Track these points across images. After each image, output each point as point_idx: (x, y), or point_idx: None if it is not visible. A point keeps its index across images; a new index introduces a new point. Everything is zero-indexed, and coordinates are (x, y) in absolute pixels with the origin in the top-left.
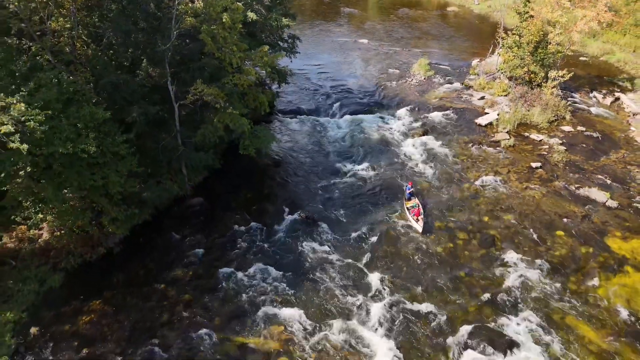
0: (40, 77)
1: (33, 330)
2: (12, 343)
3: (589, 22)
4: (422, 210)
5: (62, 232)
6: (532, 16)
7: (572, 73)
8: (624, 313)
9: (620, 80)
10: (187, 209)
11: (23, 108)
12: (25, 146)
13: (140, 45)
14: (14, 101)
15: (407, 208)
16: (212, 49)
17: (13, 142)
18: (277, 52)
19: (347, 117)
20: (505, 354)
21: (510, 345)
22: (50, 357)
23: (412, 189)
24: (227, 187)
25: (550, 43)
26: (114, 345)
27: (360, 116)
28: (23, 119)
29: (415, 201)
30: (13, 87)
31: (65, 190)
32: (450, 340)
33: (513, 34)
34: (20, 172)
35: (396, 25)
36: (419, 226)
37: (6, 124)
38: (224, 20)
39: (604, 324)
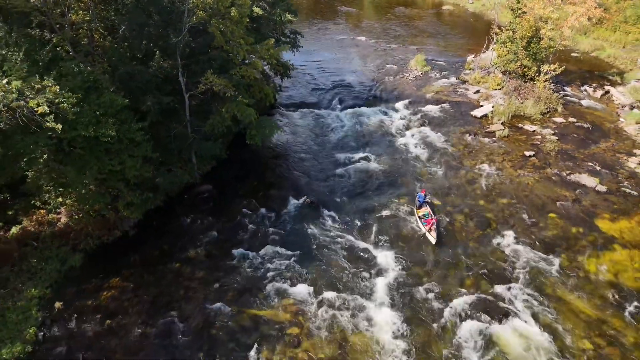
0: (62, 66)
1: (57, 304)
2: (39, 316)
3: (579, 17)
4: (434, 220)
5: (80, 215)
6: (524, 12)
7: (564, 67)
8: (611, 286)
9: (610, 74)
10: (196, 195)
11: (57, 90)
12: (59, 126)
13: (153, 38)
14: (50, 84)
15: (419, 217)
16: (221, 42)
17: (48, 122)
18: (281, 45)
19: (348, 110)
20: (500, 322)
21: (505, 314)
22: (75, 329)
23: (425, 197)
24: (234, 175)
25: (542, 38)
26: (135, 317)
27: (360, 109)
28: (57, 100)
29: (427, 209)
30: (37, 76)
31: (84, 174)
32: (448, 310)
33: (507, 30)
34: (44, 156)
35: (393, 23)
36: (432, 237)
37: (41, 105)
38: (232, 14)
39: (593, 296)
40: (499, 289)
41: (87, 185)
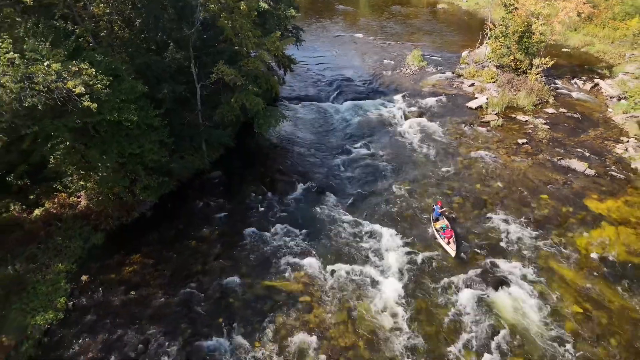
0: (86, 55)
1: (84, 277)
2: (67, 287)
3: (569, 13)
4: (453, 232)
5: (100, 198)
6: (517, 8)
7: (555, 61)
8: (599, 259)
9: (599, 68)
10: (207, 181)
11: (93, 72)
12: (95, 105)
13: (167, 30)
14: (86, 67)
15: (436, 229)
16: (230, 34)
17: (84, 101)
18: (286, 39)
19: (348, 102)
20: (496, 290)
21: (501, 283)
22: (102, 299)
23: (441, 209)
24: (241, 163)
25: (534, 33)
26: (156, 288)
27: (359, 102)
28: (91, 82)
29: (444, 222)
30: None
31: (107, 157)
32: (447, 280)
33: (500, 25)
34: (66, 143)
35: (389, 21)
36: (451, 250)
37: (78, 86)
38: (241, 7)
39: (582, 267)
40: (495, 261)
41: (110, 167)
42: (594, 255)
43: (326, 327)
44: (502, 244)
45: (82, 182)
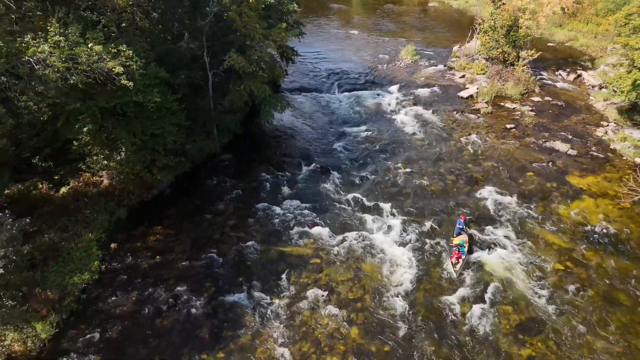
0: (115, 42)
1: (113, 245)
2: (99, 253)
3: (553, 7)
4: (463, 254)
5: (121, 177)
6: (504, 3)
7: (541, 54)
8: (580, 225)
9: (582, 61)
10: (218, 163)
11: (130, 54)
12: (131, 83)
13: (183, 21)
14: (124, 48)
15: (451, 246)
16: (239, 26)
17: (122, 80)
18: (290, 31)
19: (346, 93)
20: (488, 251)
21: (491, 245)
22: (131, 263)
23: (463, 225)
24: (249, 147)
25: (520, 27)
26: (180, 254)
27: (357, 92)
28: (127, 63)
29: (464, 238)
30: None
31: (133, 135)
32: (445, 245)
33: (489, 20)
34: (95, 122)
35: (382, 19)
36: (454, 271)
37: (117, 66)
38: (250, 1)
39: (564, 232)
40: (486, 228)
41: (135, 144)
42: (575, 222)
43: (335, 283)
44: (492, 213)
45: (105, 162)
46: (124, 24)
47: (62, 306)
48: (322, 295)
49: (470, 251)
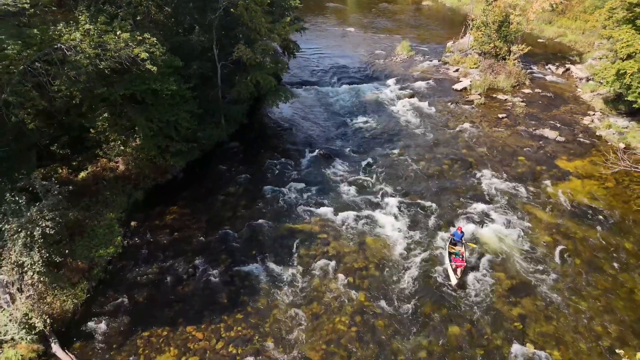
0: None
1: (133, 223)
2: (121, 230)
3: (543, 3)
4: (464, 264)
5: (136, 162)
6: (496, 0)
7: (531, 49)
8: (567, 203)
9: (570, 55)
10: (227, 150)
11: (154, 41)
12: (155, 68)
13: (193, 15)
14: (149, 36)
15: (449, 253)
16: (246, 20)
17: (147, 64)
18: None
19: (345, 86)
20: (482, 226)
21: (485, 221)
22: (151, 239)
23: (461, 235)
24: (255, 136)
25: (511, 23)
26: (196, 230)
27: (356, 85)
28: (151, 50)
29: (460, 249)
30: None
31: (150, 121)
32: (442, 221)
33: (481, 16)
34: (114, 108)
35: (378, 17)
36: (454, 278)
37: (142, 53)
38: None
39: (553, 209)
40: (481, 207)
41: (153, 129)
42: (562, 201)
43: (342, 255)
44: (486, 193)
45: (122, 148)
46: (139, 17)
47: (91, 275)
48: (330, 265)
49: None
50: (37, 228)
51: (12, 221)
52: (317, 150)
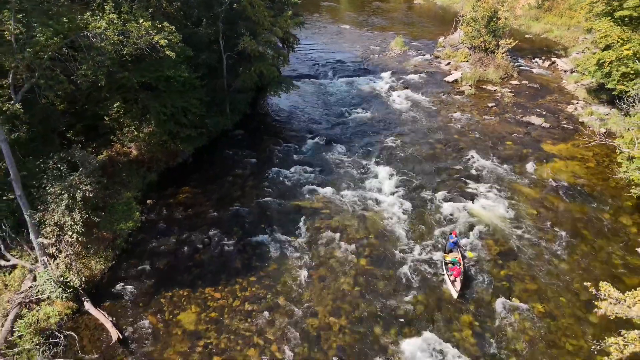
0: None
1: (149, 201)
2: (138, 207)
3: (529, 0)
4: (462, 270)
5: (148, 147)
6: None
7: (518, 43)
8: (551, 181)
9: (556, 50)
10: (232, 137)
11: (173, 29)
12: (173, 54)
13: (201, 8)
14: (167, 24)
15: (445, 263)
16: (250, 13)
17: (166, 50)
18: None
19: (342, 79)
20: (472, 201)
21: (474, 196)
22: (166, 214)
23: (456, 239)
24: (257, 125)
25: (499, 18)
26: (208, 207)
27: (352, 78)
28: (169, 37)
29: (457, 255)
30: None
31: (164, 107)
32: (436, 197)
33: (471, 12)
34: (131, 94)
35: (371, 15)
36: (454, 290)
37: (162, 39)
38: None
39: (537, 186)
40: (471, 184)
41: (166, 114)
42: (547, 179)
43: (344, 227)
44: (476, 173)
45: (135, 133)
46: (150, 10)
47: (115, 245)
48: (334, 236)
49: (452, 200)
50: (79, 191)
51: (55, 185)
52: (317, 137)
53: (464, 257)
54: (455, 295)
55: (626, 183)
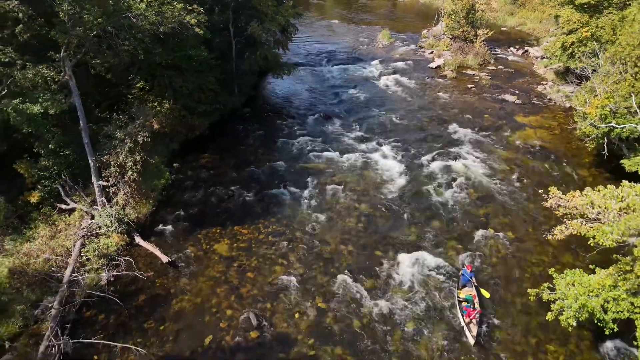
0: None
1: (175, 164)
2: (167, 169)
3: None
4: (479, 312)
5: (169, 121)
6: None
7: (494, 33)
8: (522, 145)
9: (529, 40)
10: (241, 115)
11: (201, 10)
12: (202, 31)
13: None
14: (196, 6)
15: (459, 300)
16: (256, 3)
17: (195, 29)
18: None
19: (336, 66)
20: (455, 160)
21: (458, 157)
22: (192, 174)
23: (470, 274)
24: (263, 104)
25: (477, 10)
26: (227, 169)
27: (345, 66)
28: (198, 17)
29: (471, 292)
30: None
31: (187, 82)
32: (425, 158)
33: (452, 4)
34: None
35: (358, 11)
36: (471, 336)
37: (192, 19)
38: None
39: (510, 149)
40: (454, 149)
41: (188, 89)
42: (518, 143)
43: (346, 182)
44: (458, 140)
45: (158, 109)
46: None
47: (152, 197)
48: (337, 188)
49: (438, 158)
50: (139, 136)
51: (119, 132)
52: (317, 113)
53: (479, 294)
54: (472, 341)
55: (581, 138)
